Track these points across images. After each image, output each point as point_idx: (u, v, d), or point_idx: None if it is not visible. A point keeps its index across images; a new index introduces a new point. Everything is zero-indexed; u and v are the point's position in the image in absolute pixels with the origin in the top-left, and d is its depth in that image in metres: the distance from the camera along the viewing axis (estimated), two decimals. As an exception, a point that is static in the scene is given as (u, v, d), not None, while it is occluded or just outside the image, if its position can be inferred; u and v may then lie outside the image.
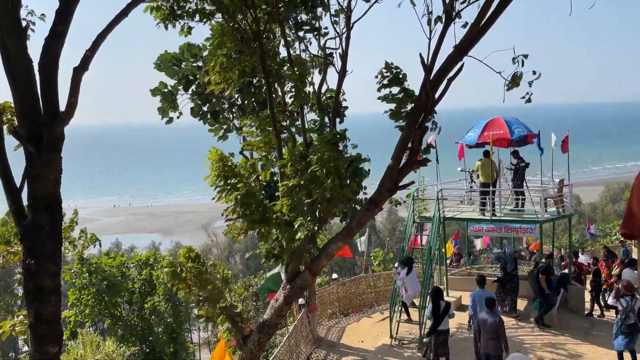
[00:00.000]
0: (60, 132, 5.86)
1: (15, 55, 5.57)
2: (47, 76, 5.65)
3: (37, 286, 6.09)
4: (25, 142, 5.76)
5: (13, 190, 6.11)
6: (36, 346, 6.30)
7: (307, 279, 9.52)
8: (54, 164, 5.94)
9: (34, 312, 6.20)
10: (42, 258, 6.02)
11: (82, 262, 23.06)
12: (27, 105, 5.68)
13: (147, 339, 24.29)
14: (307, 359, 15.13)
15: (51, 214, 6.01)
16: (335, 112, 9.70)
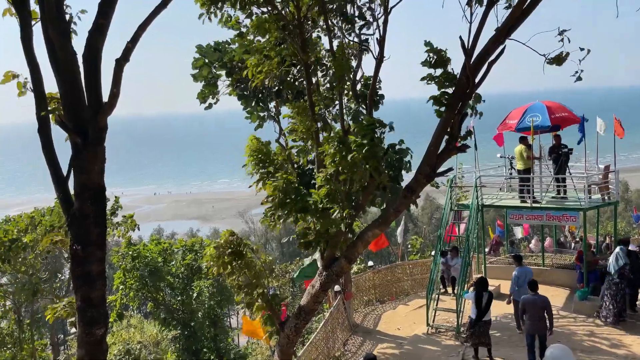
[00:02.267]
0: (104, 123, 6.03)
1: (59, 49, 5.73)
2: (91, 68, 5.80)
3: (84, 271, 6.32)
4: (71, 133, 5.95)
5: (60, 179, 6.33)
6: (84, 328, 6.54)
7: (343, 265, 9.55)
8: (98, 155, 6.12)
9: (82, 296, 6.44)
10: (89, 244, 6.23)
11: (129, 246, 23.83)
12: (72, 97, 5.85)
13: (188, 323, 24.97)
14: (343, 345, 15.24)
15: (96, 202, 6.21)
16: (372, 99, 9.60)
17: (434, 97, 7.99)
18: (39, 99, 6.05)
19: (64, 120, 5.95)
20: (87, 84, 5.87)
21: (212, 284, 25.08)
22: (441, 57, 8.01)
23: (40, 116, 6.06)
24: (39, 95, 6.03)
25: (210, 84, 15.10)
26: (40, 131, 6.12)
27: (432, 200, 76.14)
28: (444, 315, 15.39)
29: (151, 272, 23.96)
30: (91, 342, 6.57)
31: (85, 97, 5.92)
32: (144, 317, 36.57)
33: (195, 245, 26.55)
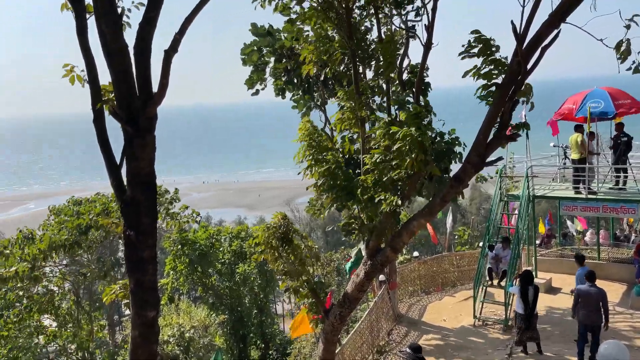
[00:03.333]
0: (154, 113, 6.18)
1: (111, 41, 5.91)
2: (141, 60, 5.95)
3: (136, 256, 6.54)
4: (123, 122, 6.14)
5: (114, 167, 6.54)
6: (136, 310, 6.79)
7: (388, 255, 9.48)
8: (148, 144, 6.28)
9: (135, 280, 6.67)
10: (141, 230, 6.43)
11: (180, 233, 24.65)
12: (124, 88, 6.02)
13: (235, 308, 25.60)
14: (388, 334, 15.21)
15: (147, 190, 6.39)
16: (419, 87, 9.41)
17: (485, 85, 7.72)
18: (94, 91, 6.25)
19: (116, 111, 6.15)
20: (137, 75, 6.02)
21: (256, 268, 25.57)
22: (488, 45, 7.71)
23: (96, 107, 6.28)
24: (94, 87, 6.23)
25: (259, 69, 15.21)
26: (95, 121, 6.34)
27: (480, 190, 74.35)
28: (492, 308, 15.07)
29: (200, 258, 24.66)
30: (144, 324, 6.80)
31: (136, 88, 6.09)
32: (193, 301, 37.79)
33: (242, 233, 27.10)
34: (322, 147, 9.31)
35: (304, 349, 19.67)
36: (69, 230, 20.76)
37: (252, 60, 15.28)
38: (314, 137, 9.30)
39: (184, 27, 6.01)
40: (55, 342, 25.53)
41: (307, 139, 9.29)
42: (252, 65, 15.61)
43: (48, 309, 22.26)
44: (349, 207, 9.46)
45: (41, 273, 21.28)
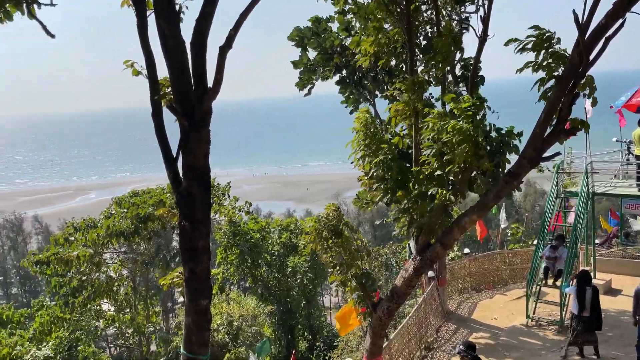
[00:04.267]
0: (209, 107, 6.36)
1: (169, 37, 6.11)
2: (197, 55, 6.13)
3: (191, 246, 6.76)
4: (179, 116, 6.34)
5: (170, 160, 6.77)
6: (190, 298, 7.02)
7: (438, 251, 9.35)
8: (203, 137, 6.47)
9: (189, 269, 6.90)
10: (196, 221, 6.64)
11: (231, 224, 25.26)
12: (181, 82, 6.23)
13: (283, 299, 25.98)
14: (436, 331, 15.03)
15: (202, 182, 6.59)
16: (473, 80, 9.20)
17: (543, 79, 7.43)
18: (152, 85, 6.48)
19: (174, 105, 6.37)
20: (194, 70, 6.20)
21: (306, 260, 25.80)
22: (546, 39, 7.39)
23: (154, 101, 6.50)
24: (152, 82, 6.46)
25: (309, 70, 15.30)
26: (153, 115, 6.57)
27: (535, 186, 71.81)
28: (546, 308, 14.58)
29: (250, 249, 25.16)
30: (197, 311, 7.03)
31: (192, 83, 6.28)
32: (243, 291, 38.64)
33: (291, 225, 27.42)
34: (376, 138, 9.23)
35: (350, 342, 19.73)
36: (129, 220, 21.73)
37: (303, 62, 15.39)
38: (369, 128, 9.23)
39: (239, 23, 6.13)
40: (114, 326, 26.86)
41: (362, 129, 9.23)
42: (301, 66, 15.73)
43: (107, 294, 23.43)
44: (399, 201, 9.38)
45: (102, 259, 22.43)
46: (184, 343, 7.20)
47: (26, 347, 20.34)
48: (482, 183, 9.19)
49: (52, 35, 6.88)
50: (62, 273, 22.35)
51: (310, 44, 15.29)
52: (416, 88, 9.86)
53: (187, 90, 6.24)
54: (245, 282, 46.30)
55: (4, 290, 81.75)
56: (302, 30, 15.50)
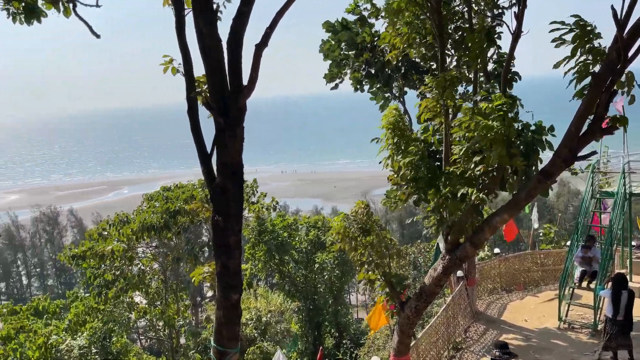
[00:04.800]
0: (243, 105, 6.47)
1: (206, 36, 6.24)
2: (233, 53, 6.24)
3: (223, 241, 6.88)
4: (215, 113, 6.48)
5: (205, 156, 6.90)
6: (221, 293, 7.15)
7: (468, 251, 9.27)
8: (237, 134, 6.58)
9: (221, 264, 7.03)
10: (228, 217, 6.76)
11: (258, 221, 25.54)
12: (217, 80, 6.35)
13: (310, 296, 26.13)
14: (465, 331, 14.89)
15: (236, 178, 6.70)
16: (506, 77, 9.07)
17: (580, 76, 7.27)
18: (189, 83, 6.63)
19: (209, 102, 6.50)
20: (229, 68, 6.32)
21: (334, 257, 25.87)
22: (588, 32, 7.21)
23: (190, 98, 6.65)
24: (189, 79, 6.61)
25: (339, 64, 15.30)
26: (189, 111, 6.72)
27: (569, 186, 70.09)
28: (579, 311, 14.27)
29: (277, 246, 25.38)
30: (228, 305, 7.15)
31: (227, 81, 6.40)
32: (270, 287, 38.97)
33: (319, 223, 27.53)
34: (405, 137, 9.20)
35: (377, 341, 19.72)
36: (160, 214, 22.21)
37: (334, 55, 15.38)
38: (398, 126, 9.19)
39: (275, 21, 6.21)
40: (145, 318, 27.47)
41: (390, 127, 9.20)
42: (333, 59, 15.72)
43: (140, 287, 23.99)
44: (429, 200, 9.33)
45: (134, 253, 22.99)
46: (214, 336, 7.34)
47: (61, 337, 21.03)
48: (514, 182, 9.06)
49: (97, 35, 7.11)
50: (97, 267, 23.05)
51: (341, 35, 15.26)
52: (447, 85, 9.78)
53: (223, 88, 6.36)
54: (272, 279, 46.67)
55: (40, 282, 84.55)
56: (333, 24, 15.51)
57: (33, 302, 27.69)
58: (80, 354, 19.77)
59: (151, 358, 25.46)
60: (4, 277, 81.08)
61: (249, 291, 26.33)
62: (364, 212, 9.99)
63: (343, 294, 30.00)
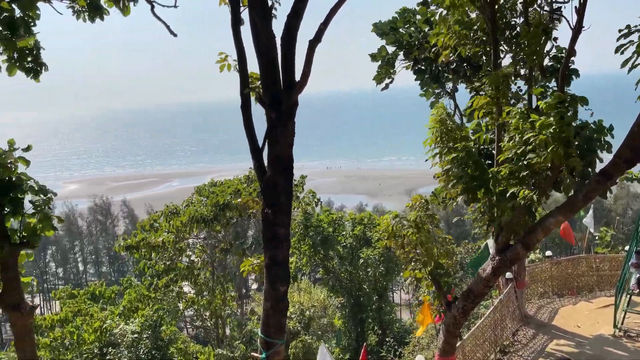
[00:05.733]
0: (295, 100, 6.56)
1: (261, 32, 6.36)
2: (287, 49, 6.33)
3: (273, 234, 7.01)
4: (267, 108, 6.60)
5: (256, 150, 7.05)
6: (270, 284, 7.28)
7: (519, 252, 9.03)
8: (289, 129, 6.68)
9: (270, 256, 7.16)
10: (278, 210, 6.88)
11: (305, 216, 25.78)
12: (270, 76, 6.47)
13: (354, 292, 26.14)
14: (513, 335, 14.52)
15: (286, 172, 6.81)
16: (564, 74, 8.73)
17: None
18: (242, 79, 6.79)
19: (262, 97, 6.63)
20: (283, 64, 6.42)
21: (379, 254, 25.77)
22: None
23: (243, 94, 6.81)
24: (243, 75, 6.77)
25: (387, 63, 15.21)
26: (242, 107, 6.87)
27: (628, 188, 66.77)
28: (636, 318, 13.62)
29: (323, 241, 25.51)
30: (275, 297, 7.28)
31: (280, 76, 6.50)
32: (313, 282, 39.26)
33: (364, 219, 27.50)
34: (453, 135, 9.05)
35: (422, 340, 19.52)
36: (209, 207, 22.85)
37: (381, 55, 15.30)
38: (445, 124, 9.06)
39: (329, 17, 6.25)
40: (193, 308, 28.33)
41: (438, 125, 9.08)
42: (380, 60, 15.64)
43: (188, 277, 24.76)
44: (478, 199, 9.13)
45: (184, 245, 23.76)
46: (261, 326, 7.48)
47: (115, 322, 21.99)
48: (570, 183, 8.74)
49: (174, 34, 7.38)
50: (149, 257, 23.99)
51: (387, 39, 15.18)
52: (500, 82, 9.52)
53: (276, 84, 6.46)
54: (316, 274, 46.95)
55: (95, 269, 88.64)
56: (380, 26, 15.45)
57: (89, 287, 29.10)
58: (132, 339, 20.61)
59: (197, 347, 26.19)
60: (63, 262, 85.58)
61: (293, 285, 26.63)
62: (421, 206, 9.86)
63: (387, 292, 29.84)
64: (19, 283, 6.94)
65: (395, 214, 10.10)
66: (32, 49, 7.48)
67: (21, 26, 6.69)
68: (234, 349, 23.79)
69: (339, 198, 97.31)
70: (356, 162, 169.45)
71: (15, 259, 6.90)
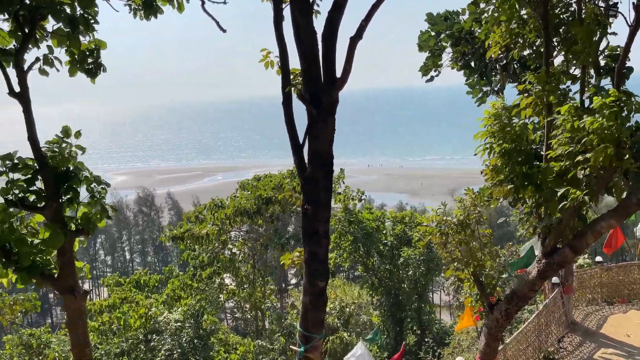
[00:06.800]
0: (336, 97, 6.57)
1: (303, 29, 6.40)
2: (328, 46, 6.34)
3: (313, 229, 7.05)
4: (308, 105, 6.64)
5: (297, 146, 7.10)
6: (309, 279, 7.34)
7: (567, 256, 8.72)
8: (329, 125, 6.70)
9: (309, 251, 7.21)
10: (318, 205, 6.92)
11: (346, 212, 25.77)
12: (311, 73, 6.50)
13: (393, 291, 25.95)
14: (558, 341, 14.07)
15: (326, 169, 6.84)
16: (620, 72, 8.35)
17: None
18: (284, 75, 6.85)
19: (303, 94, 6.67)
20: (324, 60, 6.44)
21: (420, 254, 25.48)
22: None
23: (285, 90, 6.87)
24: (285, 72, 6.83)
25: (434, 55, 14.94)
26: (284, 103, 6.94)
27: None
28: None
29: (364, 238, 25.43)
30: (314, 291, 7.33)
31: (321, 73, 6.52)
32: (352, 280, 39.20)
33: (405, 218, 27.24)
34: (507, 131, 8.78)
35: (462, 342, 19.18)
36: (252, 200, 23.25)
37: (429, 45, 15.02)
38: (500, 119, 8.81)
39: (370, 14, 6.23)
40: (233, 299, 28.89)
41: (491, 120, 8.84)
42: (428, 51, 15.37)
43: (230, 270, 25.28)
44: (525, 199, 8.86)
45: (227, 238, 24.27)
46: (300, 321, 7.55)
47: (160, 310, 22.70)
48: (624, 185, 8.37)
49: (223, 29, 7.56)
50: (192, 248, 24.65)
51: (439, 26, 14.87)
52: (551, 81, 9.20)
53: (317, 80, 6.49)
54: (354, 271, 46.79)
55: (141, 258, 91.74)
56: (433, 17, 15.18)
57: (135, 276, 30.15)
58: (176, 327, 21.23)
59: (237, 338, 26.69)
60: (111, 251, 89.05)
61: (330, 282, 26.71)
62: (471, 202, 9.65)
63: (427, 292, 29.47)
64: (73, 268, 7.29)
65: (441, 211, 9.93)
66: (93, 50, 7.82)
67: (81, 24, 6.98)
68: (274, 342, 24.11)
69: (380, 196, 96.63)
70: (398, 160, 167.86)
71: (71, 245, 7.24)
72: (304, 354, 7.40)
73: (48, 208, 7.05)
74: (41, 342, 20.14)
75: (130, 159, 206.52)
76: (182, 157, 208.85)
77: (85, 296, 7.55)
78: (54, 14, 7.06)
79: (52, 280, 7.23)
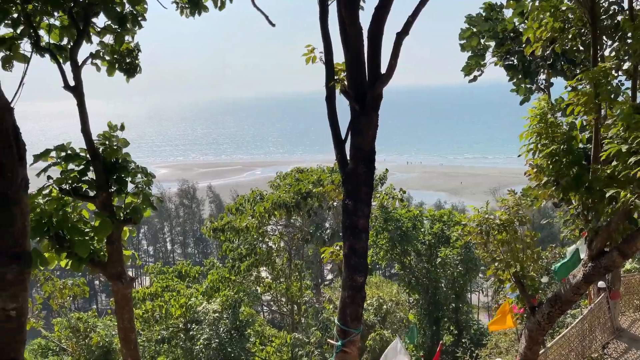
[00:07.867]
0: (380, 92, 6.56)
1: (349, 25, 6.41)
2: (373, 41, 6.34)
3: (353, 224, 7.09)
4: (352, 100, 6.66)
5: (339, 141, 7.14)
6: (348, 274, 7.38)
7: (615, 260, 8.42)
8: (372, 121, 6.71)
9: (349, 246, 7.25)
10: (359, 201, 6.94)
11: (382, 209, 25.69)
12: (356, 68, 6.51)
13: (431, 290, 25.69)
14: (602, 347, 13.60)
15: (368, 164, 6.85)
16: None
17: None
18: (329, 71, 6.89)
19: (347, 90, 6.70)
20: (369, 56, 6.43)
21: (458, 253, 25.13)
22: None
23: (329, 86, 6.92)
24: (329, 68, 6.87)
25: (477, 55, 14.68)
26: (327, 99, 6.99)
27: None
28: None
29: (402, 236, 25.27)
30: (353, 286, 7.36)
31: (366, 69, 6.53)
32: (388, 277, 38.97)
33: (444, 217, 26.87)
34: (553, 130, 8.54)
35: (501, 344, 18.83)
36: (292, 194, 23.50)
37: (472, 45, 14.77)
38: (545, 118, 8.58)
39: (417, 10, 6.18)
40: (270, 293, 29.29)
41: (537, 119, 8.62)
42: (470, 50, 15.12)
43: (267, 263, 25.64)
44: (572, 200, 8.61)
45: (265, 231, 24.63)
46: (338, 315, 7.60)
47: (199, 300, 23.29)
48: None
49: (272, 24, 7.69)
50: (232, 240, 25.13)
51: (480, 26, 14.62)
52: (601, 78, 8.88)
53: (361, 76, 6.50)
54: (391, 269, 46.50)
55: (182, 249, 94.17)
56: (473, 18, 14.94)
57: (177, 266, 31.01)
58: (214, 317, 21.74)
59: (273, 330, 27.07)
60: (153, 241, 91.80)
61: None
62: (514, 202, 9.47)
63: (465, 292, 29.03)
64: (121, 256, 7.60)
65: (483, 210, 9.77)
66: (132, 50, 8.10)
67: (129, 21, 7.23)
68: (310, 335, 24.33)
69: (419, 194, 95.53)
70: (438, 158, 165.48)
71: (119, 233, 7.56)
72: (342, 348, 7.45)
73: (98, 197, 7.37)
74: (88, 325, 21.01)
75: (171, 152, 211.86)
76: (219, 151, 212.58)
77: (132, 283, 7.86)
78: (106, 10, 7.36)
79: (101, 266, 7.56)
